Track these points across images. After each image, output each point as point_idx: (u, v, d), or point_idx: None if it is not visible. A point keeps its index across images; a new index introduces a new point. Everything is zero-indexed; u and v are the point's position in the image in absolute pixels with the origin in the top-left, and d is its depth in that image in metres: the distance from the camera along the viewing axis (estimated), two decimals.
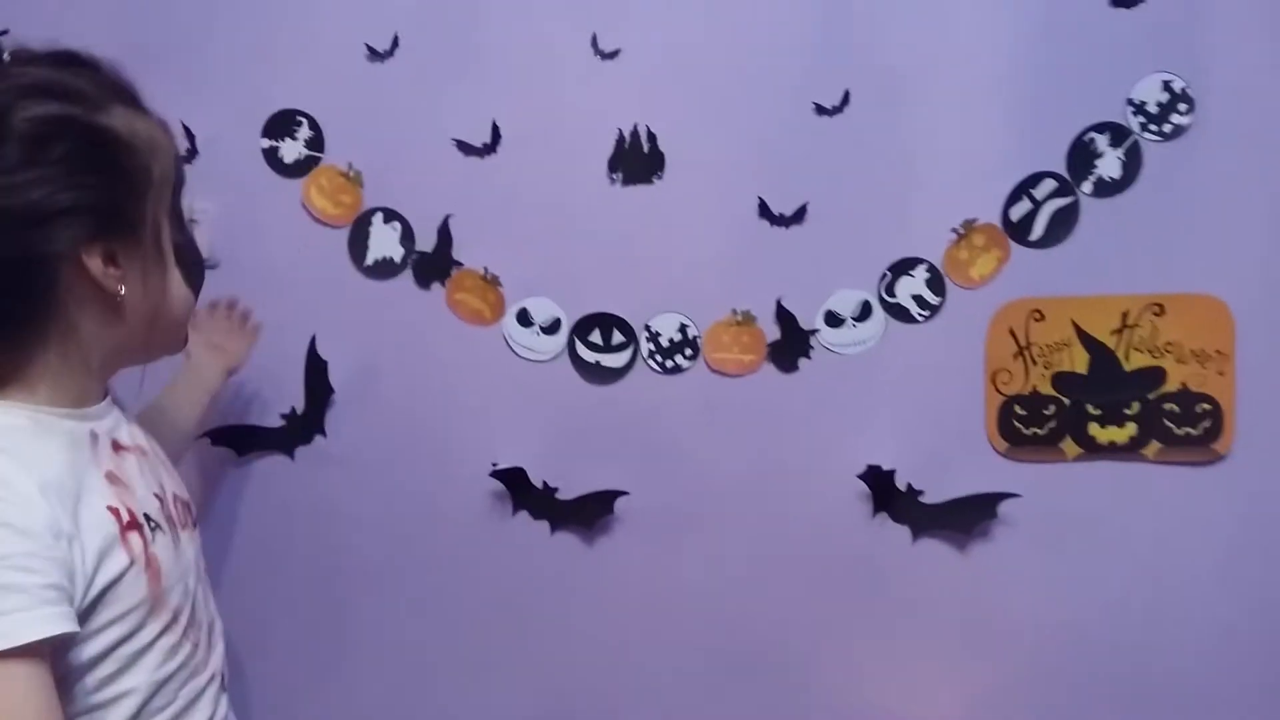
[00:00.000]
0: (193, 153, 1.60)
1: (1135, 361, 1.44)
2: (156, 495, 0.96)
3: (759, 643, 1.55)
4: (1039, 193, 1.45)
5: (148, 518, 0.91)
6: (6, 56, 0.87)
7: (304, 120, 1.58)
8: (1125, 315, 1.44)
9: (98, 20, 1.60)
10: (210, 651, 1.01)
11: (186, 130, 1.58)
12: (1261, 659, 1.47)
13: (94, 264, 0.86)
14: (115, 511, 0.87)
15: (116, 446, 0.94)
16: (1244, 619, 1.46)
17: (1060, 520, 1.49)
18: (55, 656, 0.80)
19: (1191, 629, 1.47)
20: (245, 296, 1.59)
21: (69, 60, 0.90)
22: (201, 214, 1.59)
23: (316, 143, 1.58)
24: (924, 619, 1.53)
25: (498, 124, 1.54)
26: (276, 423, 1.61)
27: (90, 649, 0.83)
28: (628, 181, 1.53)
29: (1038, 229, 1.45)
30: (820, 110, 1.49)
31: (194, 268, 0.98)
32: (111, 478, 0.89)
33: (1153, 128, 1.42)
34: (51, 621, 0.77)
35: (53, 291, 0.85)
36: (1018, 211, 1.46)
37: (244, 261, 1.60)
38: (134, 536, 0.88)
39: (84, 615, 0.82)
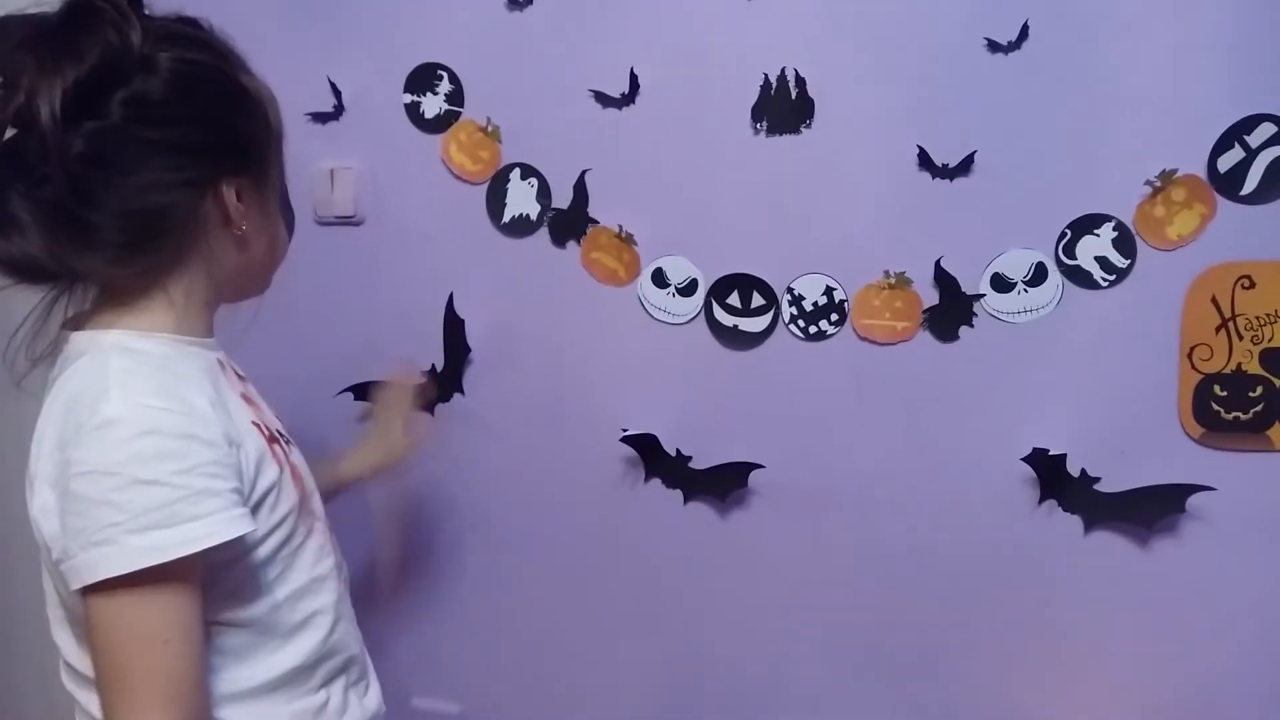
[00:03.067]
0: (340, 108, 1.54)
1: None
2: (278, 416, 1.02)
3: (903, 635, 1.39)
4: (1254, 139, 1.18)
5: (279, 433, 0.98)
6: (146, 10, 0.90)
7: (445, 74, 1.49)
8: None
9: None
10: (342, 557, 1.06)
11: (334, 88, 1.54)
12: None
13: (230, 198, 0.91)
14: (258, 426, 0.92)
15: (238, 375, 1.00)
16: None
17: (1263, 518, 1.24)
18: (234, 556, 0.86)
19: None
20: (385, 254, 1.54)
21: (195, 25, 0.94)
22: (345, 172, 1.55)
23: (456, 97, 1.49)
24: (1096, 622, 1.32)
25: (636, 73, 1.40)
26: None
27: (261, 553, 0.89)
28: (773, 131, 1.36)
29: (1251, 182, 1.19)
30: (993, 46, 1.26)
31: (289, 216, 1.05)
32: (246, 399, 0.95)
33: None
34: (240, 521, 0.84)
35: (195, 217, 0.90)
36: (1227, 161, 1.20)
37: (385, 218, 1.55)
38: (276, 448, 0.93)
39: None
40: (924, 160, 1.31)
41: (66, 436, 0.81)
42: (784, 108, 1.35)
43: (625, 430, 1.45)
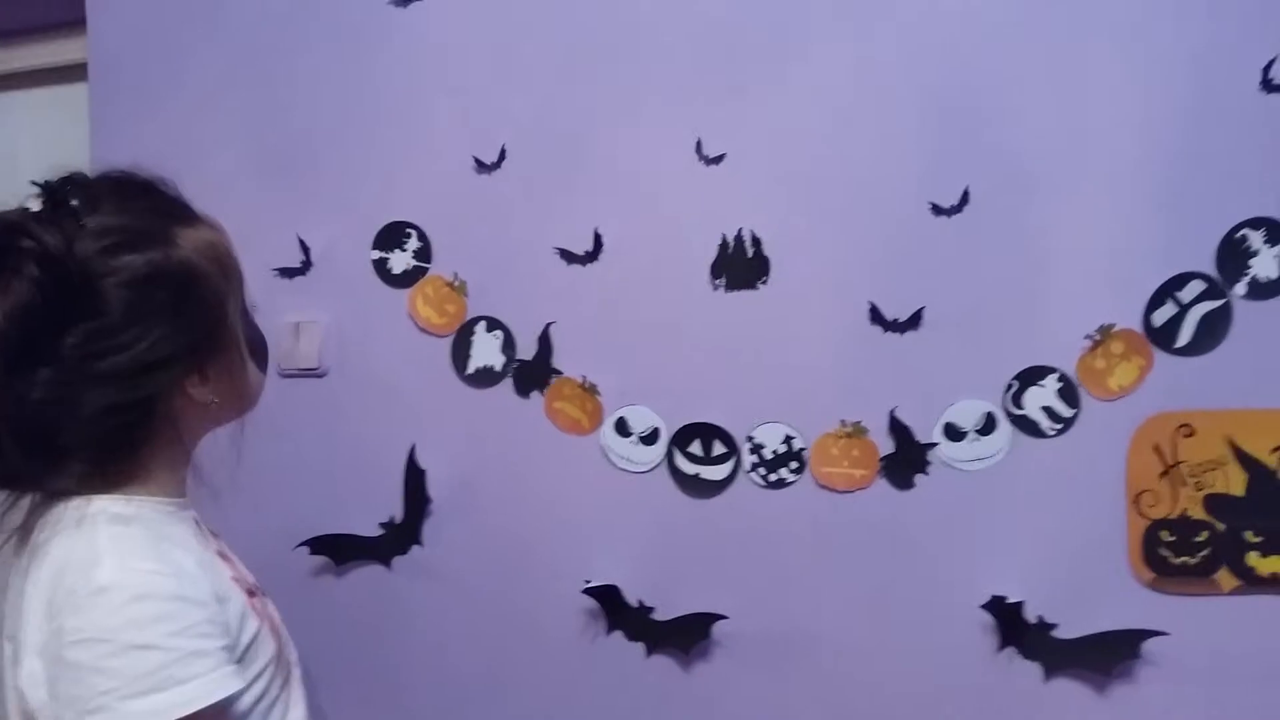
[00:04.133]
0: (307, 264, 1.57)
1: None
2: (248, 573, 0.99)
3: None
4: (1185, 295, 1.25)
5: (255, 587, 0.96)
6: (74, 202, 0.85)
7: (413, 231, 1.53)
8: None
9: (220, 135, 1.61)
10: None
11: (301, 244, 1.56)
12: None
13: (195, 391, 0.89)
14: (236, 582, 0.91)
15: (212, 532, 0.98)
16: None
17: (1215, 661, 1.25)
18: (216, 715, 0.83)
19: None
20: (348, 404, 1.54)
21: (128, 187, 0.89)
22: (311, 326, 1.56)
23: (424, 253, 1.53)
24: None
25: (600, 232, 1.45)
26: (375, 531, 1.53)
27: (239, 707, 0.86)
28: (731, 287, 1.41)
29: (1184, 335, 1.25)
30: (937, 210, 1.34)
31: (262, 352, 1.00)
32: (221, 555, 0.95)
33: None
34: (230, 679, 0.82)
35: (159, 416, 0.88)
36: (1161, 316, 1.26)
37: (350, 370, 1.56)
38: (254, 602, 0.92)
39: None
40: (875, 315, 1.35)
41: (58, 604, 0.79)
42: (741, 265, 1.40)
43: (588, 582, 1.43)
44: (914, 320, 1.35)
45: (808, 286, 1.38)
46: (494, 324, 1.50)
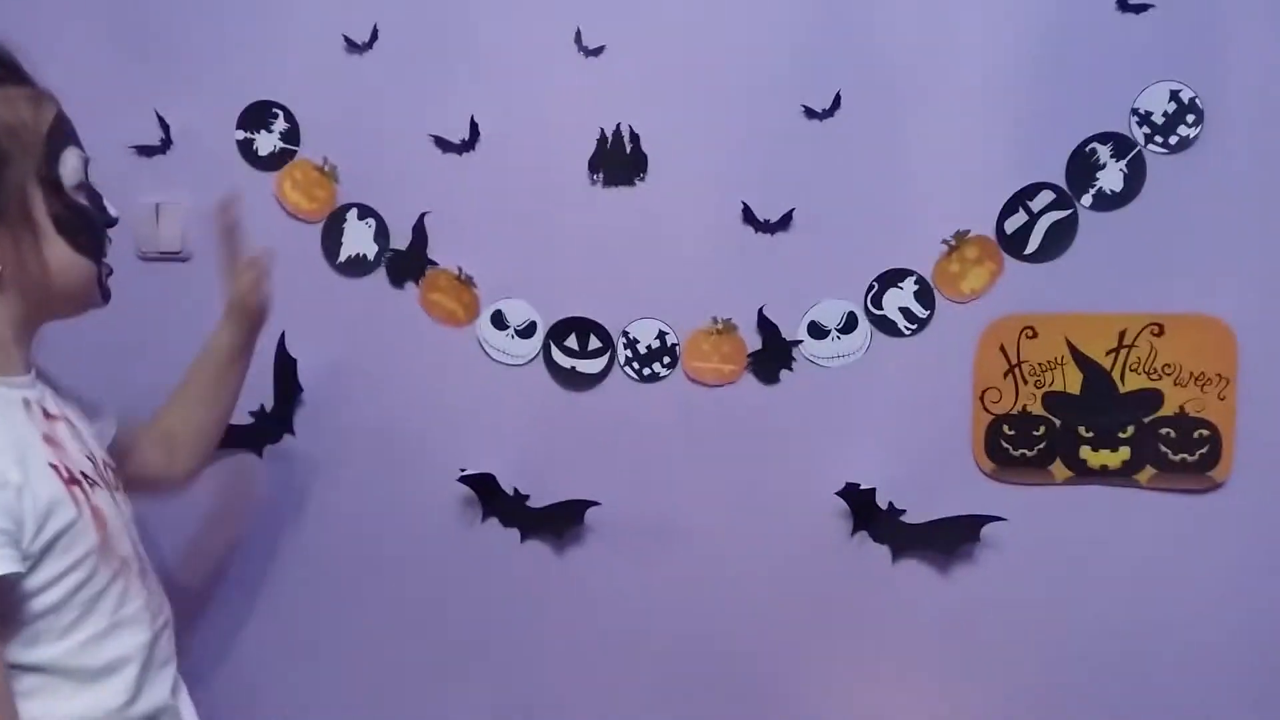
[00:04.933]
0: (167, 143, 1.49)
1: (1131, 383, 1.31)
2: (88, 457, 0.97)
3: (730, 661, 1.43)
4: (1035, 204, 1.32)
5: (84, 475, 0.93)
6: None
7: (280, 112, 1.46)
8: (1122, 334, 1.30)
9: (78, 10, 1.50)
10: (162, 601, 1.02)
11: (161, 120, 1.48)
12: (1252, 691, 1.34)
13: None
14: (56, 468, 0.89)
15: (46, 414, 0.94)
16: (1234, 652, 1.33)
17: (1047, 545, 1.36)
18: (12, 601, 0.83)
19: (1179, 660, 1.34)
20: (213, 290, 1.48)
21: None
22: (172, 208, 1.49)
23: (292, 135, 1.47)
24: (903, 641, 1.40)
25: (477, 121, 1.42)
26: (246, 420, 1.50)
27: (52, 595, 0.86)
28: (609, 183, 1.41)
29: (1033, 242, 1.32)
30: (810, 113, 1.36)
31: (84, 234, 0.93)
32: (48, 439, 0.91)
33: (1158, 139, 1.28)
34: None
35: None
36: (1013, 224, 1.33)
37: (215, 254, 1.49)
38: (76, 490, 0.90)
39: (38, 560, 0.84)
40: (748, 215, 1.38)
41: None
42: (619, 161, 1.40)
43: (463, 470, 1.45)
44: (784, 221, 1.38)
45: (684, 184, 1.39)
46: (366, 211, 1.46)
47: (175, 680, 1.01)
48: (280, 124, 1.47)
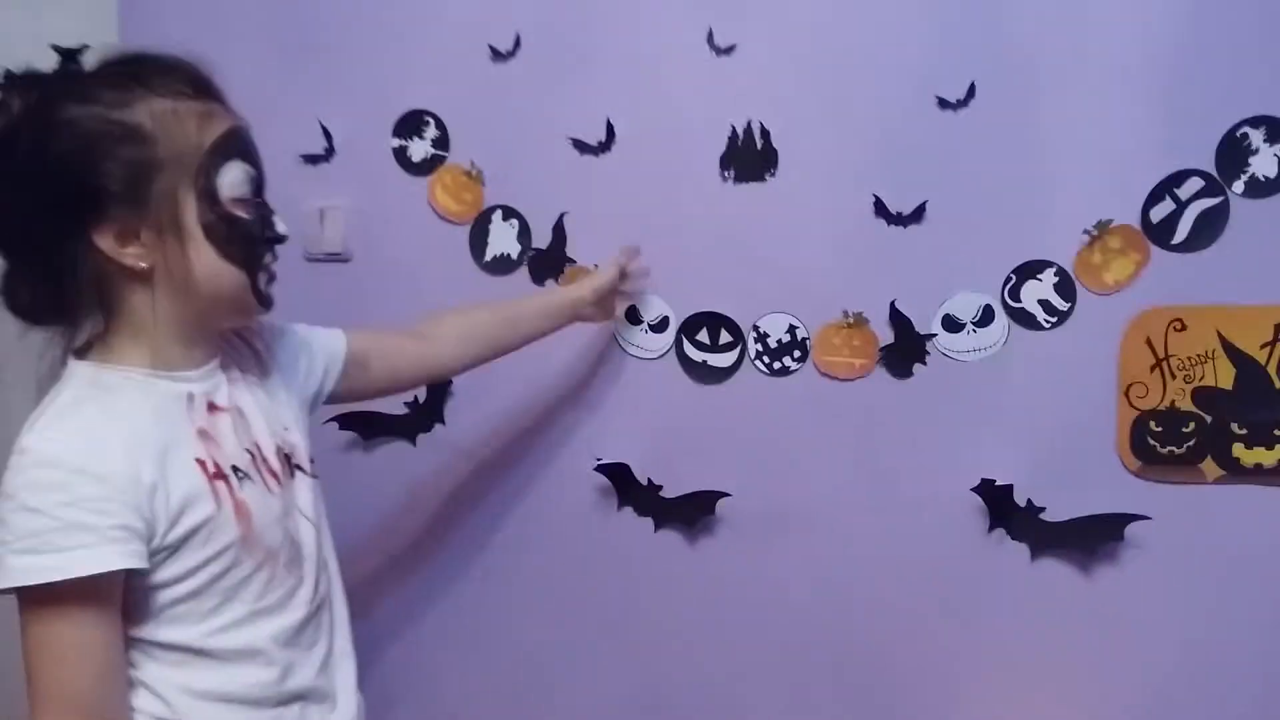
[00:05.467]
0: (330, 150, 1.60)
1: None
2: (248, 450, 0.99)
3: (860, 656, 1.43)
4: (1184, 192, 1.25)
5: (235, 469, 0.96)
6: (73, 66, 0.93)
7: (431, 120, 1.55)
8: (1278, 327, 1.23)
9: (245, 27, 1.63)
10: (318, 581, 1.05)
11: (324, 130, 1.59)
12: None
13: (106, 244, 0.89)
14: (202, 463, 0.93)
15: (212, 407, 0.98)
16: None
17: (1197, 547, 1.29)
18: (153, 592, 0.89)
19: None
20: (372, 289, 1.59)
21: (133, 59, 0.93)
22: (333, 211, 1.60)
23: (442, 142, 1.55)
24: (1040, 642, 1.36)
25: (612, 122, 1.47)
26: (401, 410, 1.60)
27: (192, 583, 0.91)
28: (740, 179, 1.42)
29: (1181, 232, 1.26)
30: (943, 104, 1.33)
31: (236, 244, 0.96)
32: (202, 433, 0.95)
33: None
34: (117, 558, 0.84)
35: (81, 270, 0.90)
36: (1159, 212, 1.27)
37: (373, 255, 1.60)
38: (220, 484, 0.93)
39: (174, 551, 0.89)
40: (879, 208, 1.37)
41: None
42: (750, 157, 1.41)
43: (600, 460, 1.50)
44: (917, 214, 1.36)
45: (814, 179, 1.40)
46: (510, 213, 1.53)
47: (326, 660, 1.05)
48: (431, 131, 1.55)
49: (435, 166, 1.56)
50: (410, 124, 1.56)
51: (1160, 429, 1.29)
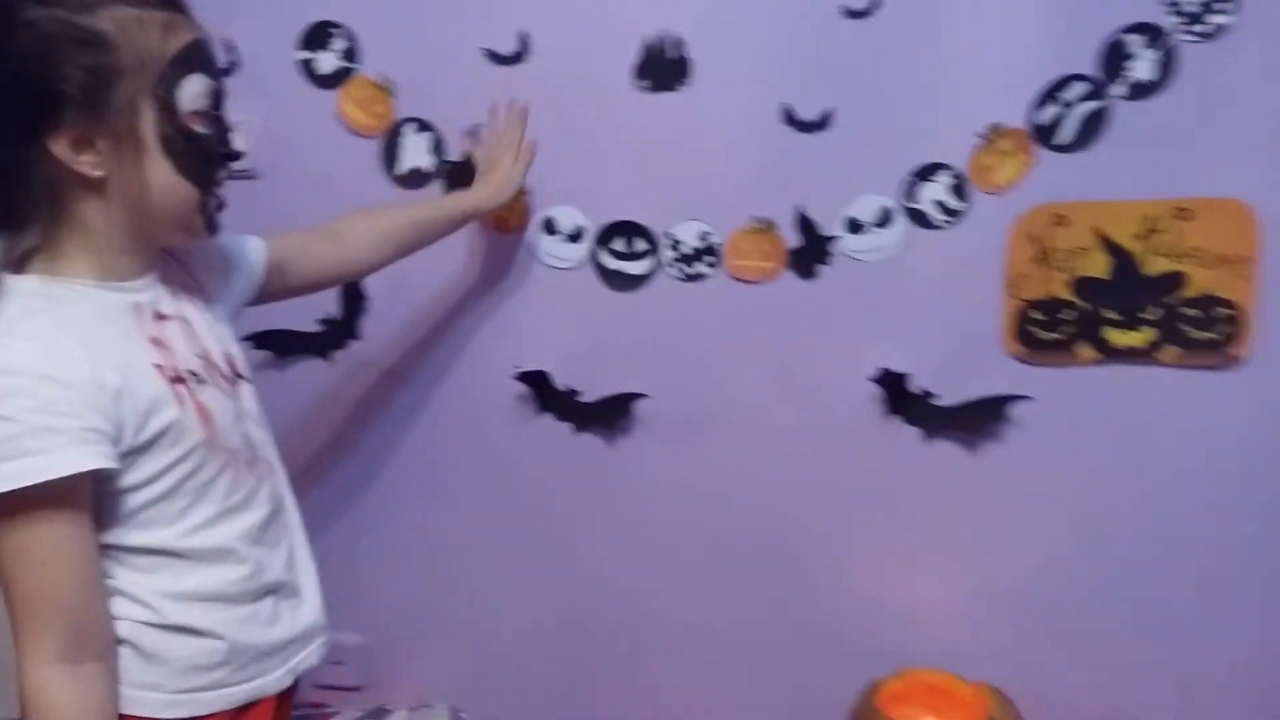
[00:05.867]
0: (235, 65, 1.42)
1: (1156, 266, 1.25)
2: (199, 355, 0.94)
3: (774, 539, 1.41)
4: (1069, 96, 1.24)
5: (192, 373, 0.91)
6: None
7: (339, 31, 1.40)
8: (1150, 220, 1.24)
9: None
10: (275, 481, 1.02)
11: (228, 44, 1.40)
12: (1266, 559, 1.28)
13: (60, 150, 0.82)
14: (160, 368, 0.88)
15: (159, 316, 0.91)
16: (1255, 522, 1.28)
17: (1073, 424, 1.31)
18: (124, 495, 0.84)
19: (1202, 531, 1.29)
20: (282, 205, 1.42)
21: None
22: (245, 125, 1.41)
23: (351, 54, 1.41)
24: (934, 518, 1.37)
25: (526, 33, 1.35)
26: (315, 328, 1.46)
27: (161, 485, 0.86)
28: (653, 89, 1.34)
29: (1066, 133, 1.25)
30: (850, 14, 1.28)
31: (191, 159, 0.87)
32: (154, 341, 0.89)
33: (1191, 28, 1.19)
34: (90, 458, 0.80)
35: (33, 175, 0.83)
36: (1046, 115, 1.25)
37: (282, 171, 1.45)
38: (180, 388, 0.89)
39: (142, 453, 0.85)
40: (788, 116, 1.31)
41: None
42: (663, 68, 1.33)
43: (518, 368, 1.40)
44: (823, 121, 1.31)
45: (725, 89, 1.33)
46: (423, 125, 1.40)
47: (290, 557, 1.01)
48: (340, 42, 1.40)
49: (344, 79, 1.41)
50: (317, 36, 1.41)
51: (1041, 317, 1.29)
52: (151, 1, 0.85)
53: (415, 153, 1.41)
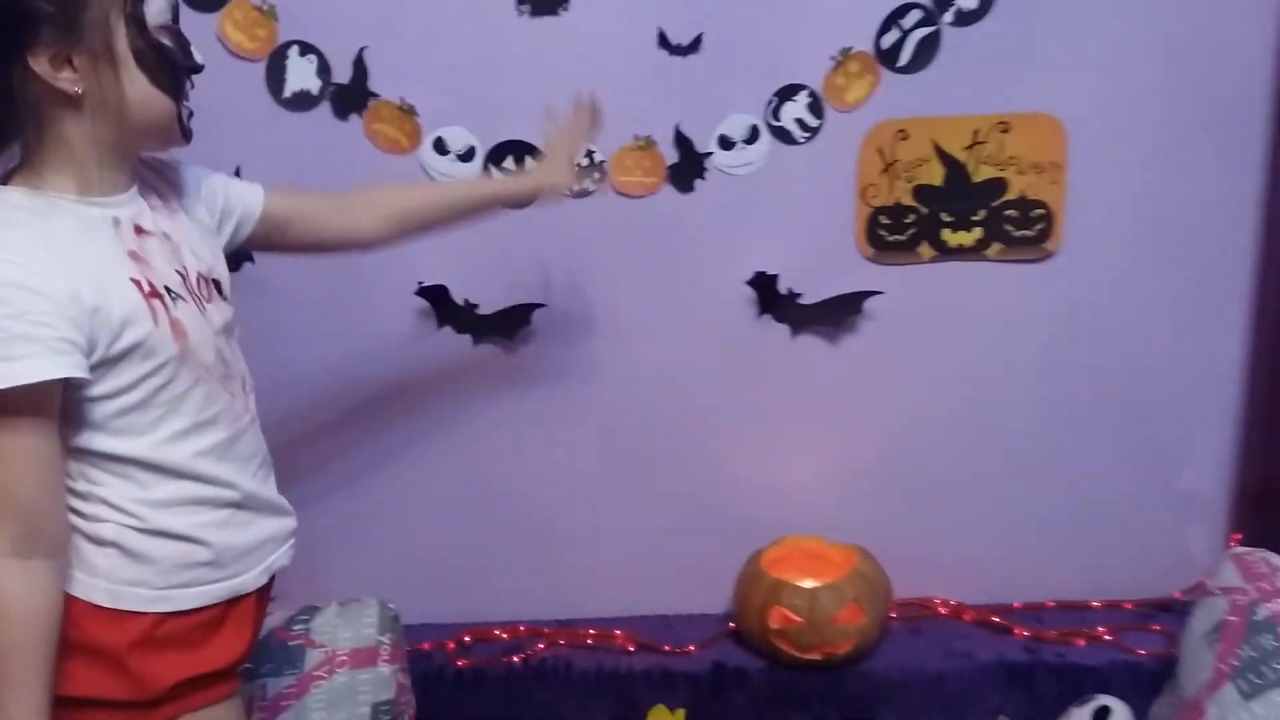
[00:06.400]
0: None
1: (983, 174, 1.46)
2: (178, 272, 0.96)
3: (661, 431, 1.57)
4: (906, 22, 1.42)
5: (168, 289, 0.93)
6: None
7: None
8: (976, 133, 1.45)
9: None
10: (247, 399, 1.05)
11: None
12: (1081, 420, 1.56)
13: (41, 67, 0.85)
14: (137, 283, 0.90)
15: (139, 230, 0.94)
16: (1067, 387, 1.54)
17: (917, 314, 1.53)
18: (97, 403, 0.87)
19: (1026, 397, 1.55)
20: None
21: None
22: None
23: None
24: (802, 404, 1.57)
25: None
26: None
27: (134, 395, 0.89)
28: (535, 13, 1.43)
29: (905, 56, 1.43)
30: None
31: (164, 71, 0.91)
32: (134, 255, 0.91)
33: None
34: (61, 367, 0.82)
35: (14, 93, 0.85)
36: (888, 40, 1.43)
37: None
38: (156, 303, 0.91)
39: (115, 364, 0.87)
40: (662, 40, 1.43)
41: None
42: None
43: (421, 283, 1.49)
44: (694, 45, 1.44)
45: (603, 13, 1.44)
46: (307, 48, 1.44)
47: (261, 470, 1.04)
48: None
49: (224, 2, 1.41)
50: None
51: (888, 221, 1.49)
52: None
53: (301, 75, 1.44)
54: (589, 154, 1.45)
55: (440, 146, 1.47)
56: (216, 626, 0.97)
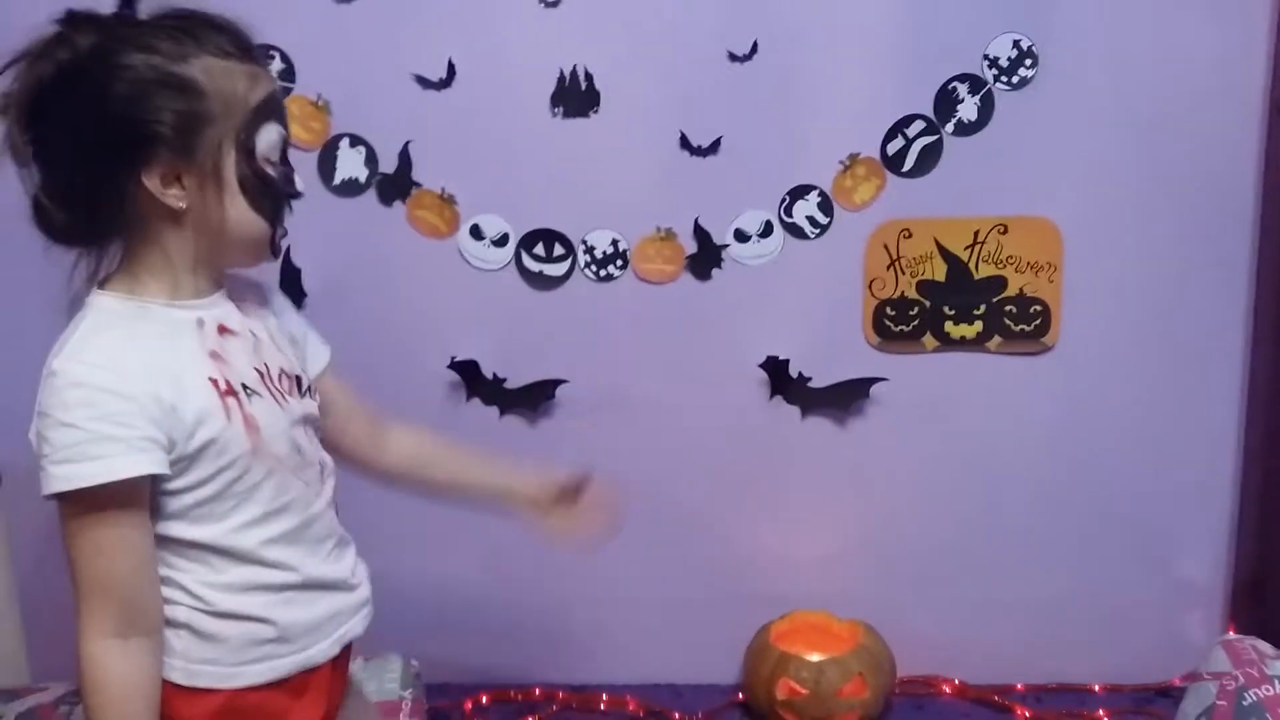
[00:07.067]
0: None
1: (983, 271, 1.58)
2: (257, 370, 1.01)
3: (676, 505, 1.67)
4: (910, 131, 1.55)
5: (245, 386, 0.98)
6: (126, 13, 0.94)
7: (276, 53, 1.56)
8: (976, 233, 1.57)
9: None
10: (323, 485, 1.07)
11: None
12: (1079, 506, 1.65)
13: (152, 184, 0.91)
14: (214, 381, 0.95)
15: (222, 330, 1.00)
16: (1066, 474, 1.64)
17: (921, 400, 1.63)
18: (177, 496, 0.93)
19: (1025, 483, 1.65)
20: None
21: (188, 16, 0.93)
22: None
23: (288, 75, 1.57)
24: (811, 483, 1.67)
25: (453, 61, 1.56)
26: None
27: (209, 489, 0.94)
28: (568, 115, 1.57)
29: (909, 162, 1.56)
30: (733, 57, 1.55)
31: (265, 198, 0.98)
32: (214, 354, 0.97)
33: (1004, 79, 1.53)
34: (144, 465, 0.88)
35: (124, 204, 0.93)
36: (893, 147, 1.56)
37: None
38: (230, 400, 0.96)
39: (193, 461, 0.93)
40: (684, 142, 1.57)
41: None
42: (576, 97, 1.57)
43: (454, 358, 1.61)
44: (714, 147, 1.57)
45: (631, 116, 1.58)
46: (357, 140, 1.59)
47: (335, 550, 1.07)
48: (276, 64, 1.56)
49: (283, 97, 1.56)
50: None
51: (893, 313, 1.60)
52: (236, 54, 0.96)
53: (350, 164, 1.59)
54: (613, 242, 1.60)
55: (476, 232, 1.60)
56: (293, 697, 1.02)
